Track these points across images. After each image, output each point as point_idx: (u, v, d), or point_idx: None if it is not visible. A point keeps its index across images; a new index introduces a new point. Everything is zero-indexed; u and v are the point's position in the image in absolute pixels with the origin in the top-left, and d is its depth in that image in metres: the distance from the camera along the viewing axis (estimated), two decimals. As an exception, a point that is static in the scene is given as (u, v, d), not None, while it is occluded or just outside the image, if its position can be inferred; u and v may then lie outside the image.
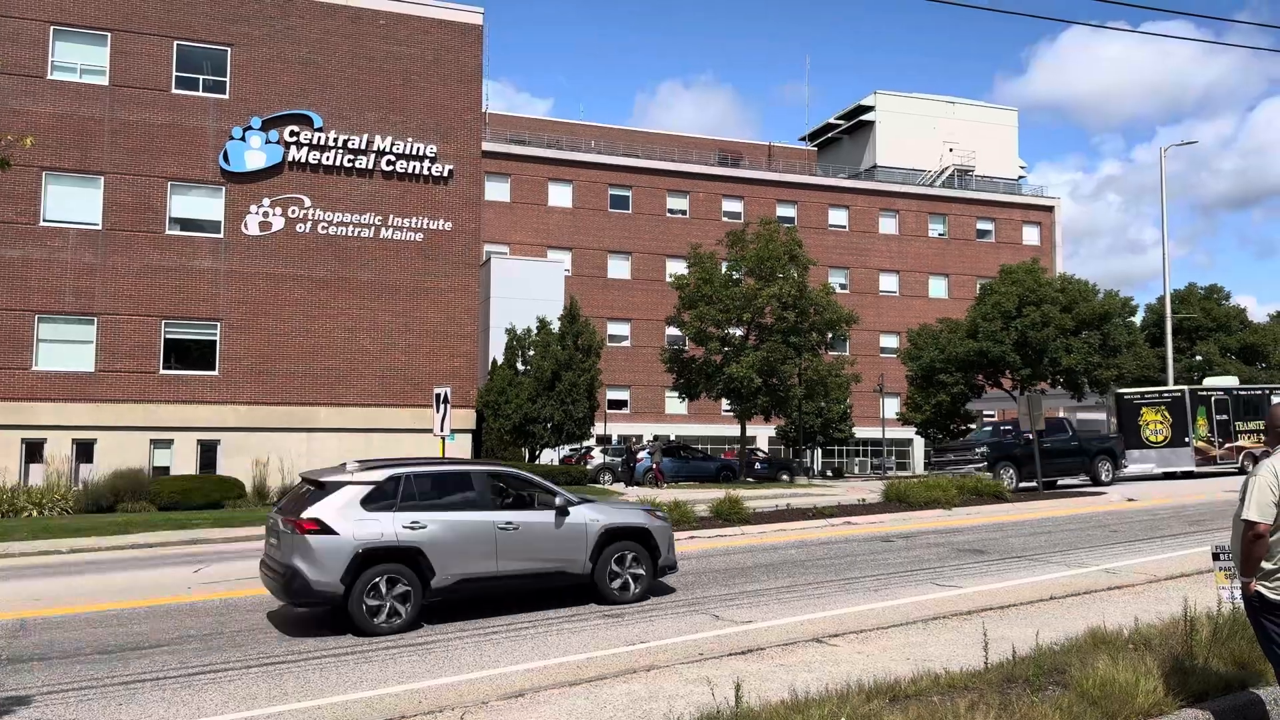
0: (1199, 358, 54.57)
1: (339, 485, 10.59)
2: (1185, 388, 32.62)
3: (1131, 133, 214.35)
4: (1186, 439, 31.94)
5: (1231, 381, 36.05)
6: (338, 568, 10.02)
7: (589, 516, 11.61)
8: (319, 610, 10.83)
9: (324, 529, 10.14)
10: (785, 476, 42.44)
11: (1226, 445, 32.66)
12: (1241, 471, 30.77)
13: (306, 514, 10.25)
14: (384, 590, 10.18)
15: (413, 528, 10.45)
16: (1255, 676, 6.78)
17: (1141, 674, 6.48)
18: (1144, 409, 32.73)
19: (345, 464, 11.51)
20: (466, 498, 11.10)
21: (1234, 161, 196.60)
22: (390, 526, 10.39)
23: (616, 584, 11.54)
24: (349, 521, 10.24)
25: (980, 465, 27.40)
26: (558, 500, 11.56)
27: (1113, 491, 26.07)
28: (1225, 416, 32.59)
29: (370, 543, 10.21)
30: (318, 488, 10.69)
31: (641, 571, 11.66)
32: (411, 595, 10.28)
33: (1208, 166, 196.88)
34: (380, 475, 10.80)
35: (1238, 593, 6.27)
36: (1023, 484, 27.66)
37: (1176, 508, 21.56)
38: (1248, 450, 32.45)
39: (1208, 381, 36.30)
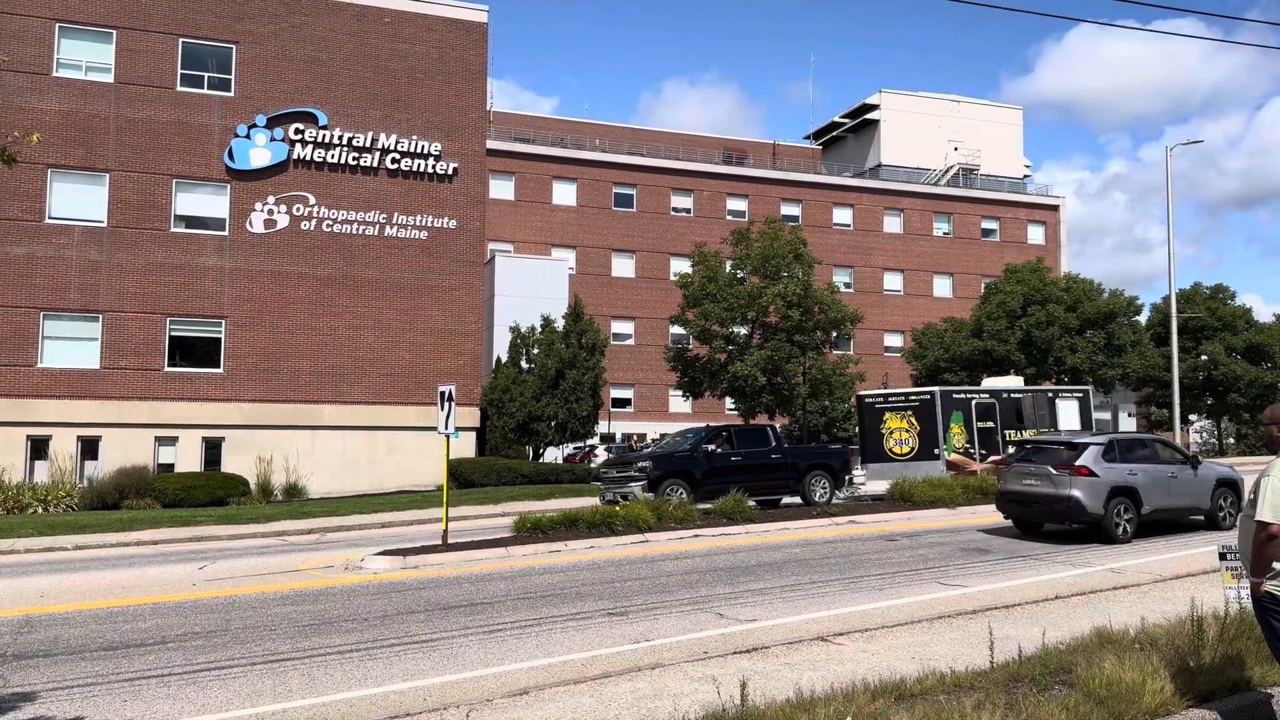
0: (1204, 357, 54.40)
1: (1087, 445, 16.11)
2: (936, 389, 26.80)
3: (1138, 131, 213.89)
4: (936, 450, 25.74)
5: (1014, 382, 30.12)
6: (1100, 498, 15.46)
7: (1207, 470, 17.13)
8: (326, 609, 10.80)
9: (1091, 473, 15.63)
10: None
11: (992, 458, 26.16)
12: None
13: (1079, 462, 15.73)
14: (1121, 513, 15.56)
15: (1131, 474, 15.87)
16: (1263, 677, 6.75)
17: (1148, 673, 6.46)
18: (887, 414, 26.57)
19: (1070, 429, 23.95)
20: (1145, 455, 16.51)
21: (1241, 161, 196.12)
22: (1120, 472, 15.82)
23: (1224, 518, 16.76)
24: (1101, 468, 15.71)
25: (642, 484, 21.38)
26: (1196, 458, 17.33)
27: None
28: (991, 424, 26.70)
29: (1115, 482, 15.65)
30: (1070, 448, 16.23)
31: (1232, 510, 16.82)
32: (1133, 518, 15.67)
33: (1215, 165, 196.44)
34: (1104, 439, 16.40)
35: (1245, 592, 6.25)
36: (704, 505, 20.88)
37: (1182, 507, 21.49)
38: None
39: (987, 382, 30.45)
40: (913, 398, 26.85)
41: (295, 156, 33.82)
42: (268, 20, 33.96)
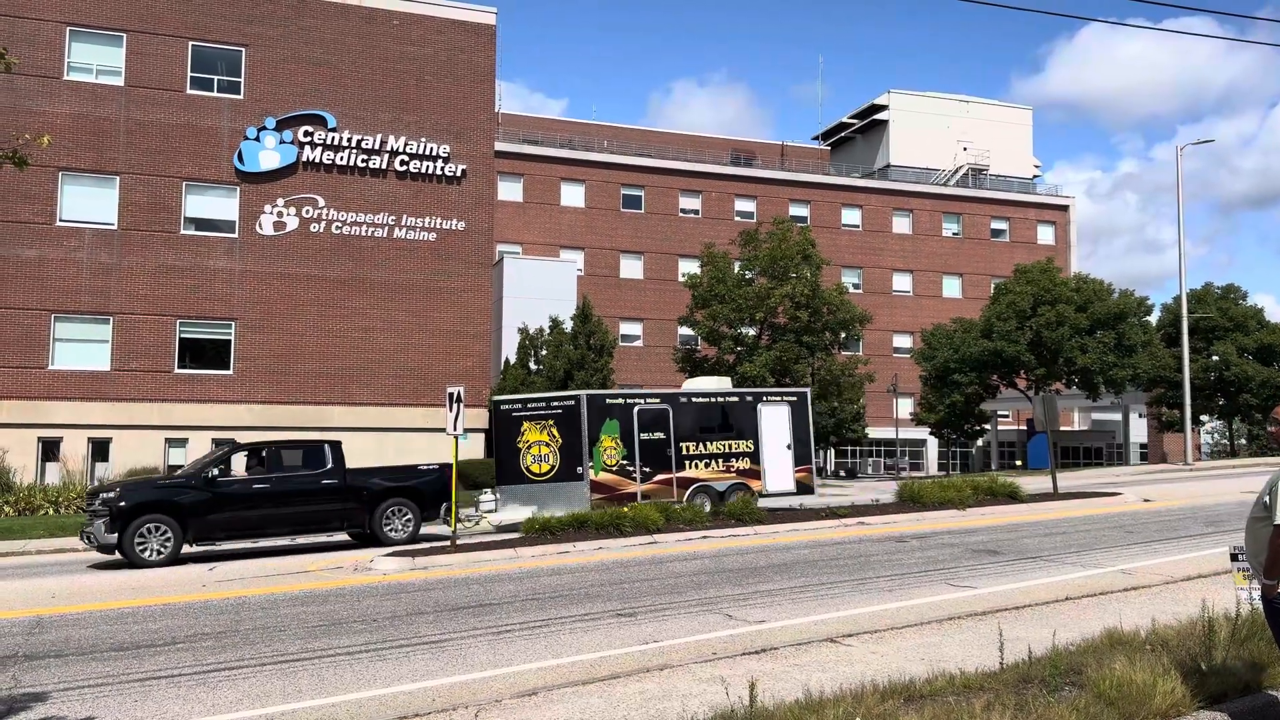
0: (1215, 357, 54.17)
1: None
2: (584, 393, 21.98)
3: (1150, 131, 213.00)
4: (579, 469, 20.92)
5: (718, 384, 25.00)
6: None
7: None
8: (335, 610, 10.85)
9: None
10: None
11: (662, 477, 21.63)
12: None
13: None
14: None
15: None
16: (1274, 678, 6.72)
17: (1159, 674, 6.43)
18: (526, 424, 21.50)
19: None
20: None
21: (1255, 160, 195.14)
22: None
23: None
24: None
25: (105, 520, 16.28)
26: None
27: (1128, 492, 25.86)
28: (661, 435, 21.79)
29: None
30: None
31: None
32: None
33: (1228, 165, 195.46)
34: None
35: (1256, 594, 6.22)
36: (199, 549, 17.45)
37: (1193, 509, 21.42)
38: (703, 483, 21.83)
39: (689, 384, 25.81)
40: (555, 404, 21.83)
41: (304, 159, 33.93)
42: (277, 23, 34.08)
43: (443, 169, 35.55)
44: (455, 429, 16.76)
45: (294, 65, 34.19)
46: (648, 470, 21.56)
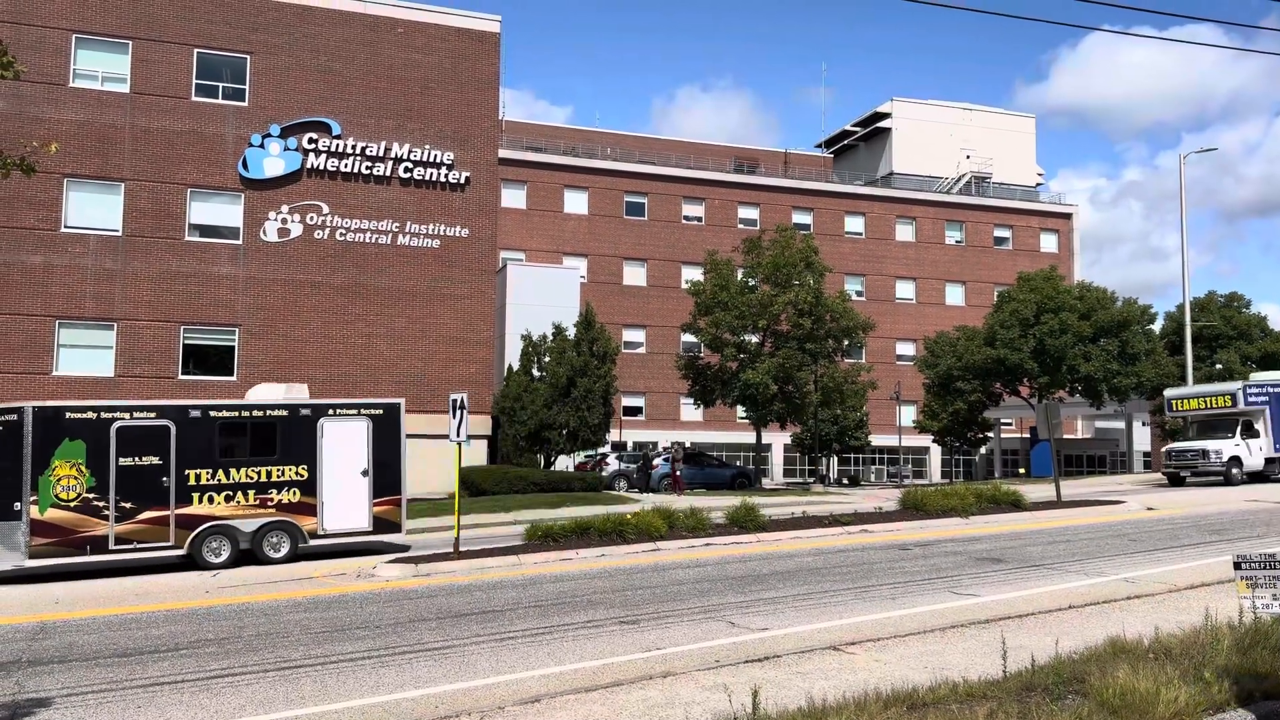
0: (1219, 366, 54.07)
1: None
2: (30, 405, 16.45)
3: (1155, 139, 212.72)
4: (17, 506, 15.82)
5: (284, 394, 19.46)
6: None
7: None
8: (339, 616, 10.87)
9: None
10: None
11: (153, 514, 16.44)
12: (191, 563, 16.74)
13: None
14: None
15: None
16: (1278, 686, 6.72)
17: (1162, 683, 6.43)
18: None
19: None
20: None
21: (1259, 167, 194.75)
22: None
23: None
24: None
25: None
26: None
27: (1132, 500, 25.82)
28: (157, 460, 16.54)
29: None
30: None
31: None
32: None
33: (1233, 172, 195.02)
34: None
35: (1259, 602, 6.23)
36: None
37: (1196, 517, 21.36)
38: (220, 523, 16.85)
39: (252, 393, 20.28)
40: None
41: (309, 166, 34.04)
42: (281, 31, 34.21)
43: (446, 176, 35.64)
44: (458, 436, 16.78)
45: (299, 73, 34.31)
46: (130, 506, 16.43)
